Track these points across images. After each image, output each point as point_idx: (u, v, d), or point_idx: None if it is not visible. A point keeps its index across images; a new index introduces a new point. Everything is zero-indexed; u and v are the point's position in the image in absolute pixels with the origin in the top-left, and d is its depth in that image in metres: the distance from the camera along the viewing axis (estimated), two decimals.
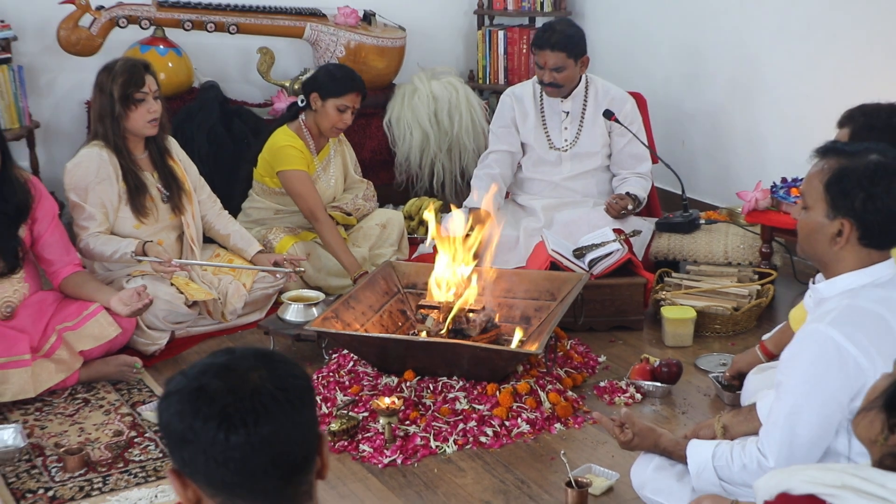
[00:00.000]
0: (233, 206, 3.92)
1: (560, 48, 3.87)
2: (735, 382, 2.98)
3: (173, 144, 3.68)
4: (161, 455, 2.83)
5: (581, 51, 3.94)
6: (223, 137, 4.40)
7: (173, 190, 3.59)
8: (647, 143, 4.11)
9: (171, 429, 1.24)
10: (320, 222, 3.88)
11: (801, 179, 3.54)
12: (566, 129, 4.07)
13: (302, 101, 3.97)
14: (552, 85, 3.96)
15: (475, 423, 2.92)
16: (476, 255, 3.38)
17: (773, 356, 2.86)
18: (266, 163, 3.94)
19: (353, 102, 3.92)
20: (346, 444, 2.85)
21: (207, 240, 3.80)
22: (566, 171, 4.10)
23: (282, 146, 3.90)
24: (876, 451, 1.52)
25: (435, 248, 3.41)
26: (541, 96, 4.08)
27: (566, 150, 4.07)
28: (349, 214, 4.09)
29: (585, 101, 4.05)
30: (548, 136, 4.08)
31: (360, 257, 3.96)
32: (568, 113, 4.06)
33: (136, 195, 3.48)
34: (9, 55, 4.38)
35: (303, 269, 3.75)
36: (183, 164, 3.69)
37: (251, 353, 1.28)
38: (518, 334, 3.18)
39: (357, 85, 3.93)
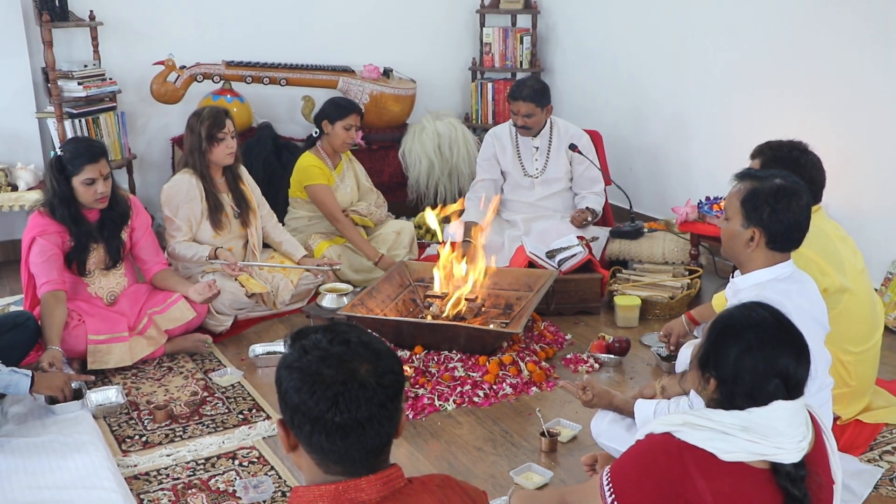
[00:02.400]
0: (278, 217, 3.92)
1: (530, 100, 3.84)
2: (672, 350, 2.95)
3: (243, 171, 3.66)
4: (227, 410, 2.82)
5: (546, 101, 3.90)
6: (275, 165, 4.39)
7: (243, 208, 3.57)
8: (601, 169, 4.10)
9: (287, 396, 1.19)
10: (340, 222, 3.89)
11: (722, 198, 3.54)
12: (537, 160, 4.03)
13: (316, 133, 3.98)
14: (524, 128, 3.92)
15: (470, 387, 2.91)
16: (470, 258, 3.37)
17: (695, 322, 2.87)
18: (296, 181, 3.96)
19: (355, 121, 3.93)
20: None
21: (265, 245, 3.78)
22: (538, 193, 4.06)
23: (307, 166, 3.91)
24: (704, 398, 1.59)
25: (439, 253, 3.41)
26: (516, 135, 4.03)
27: (537, 177, 4.04)
28: (364, 216, 4.08)
29: (551, 138, 4.03)
30: (522, 166, 4.04)
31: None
32: (538, 148, 4.02)
33: (215, 212, 3.47)
34: (114, 104, 4.38)
35: (339, 267, 3.75)
36: (250, 186, 3.67)
37: (363, 345, 1.21)
38: (492, 325, 3.17)
39: (355, 107, 3.95)
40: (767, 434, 1.45)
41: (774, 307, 1.57)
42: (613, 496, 1.54)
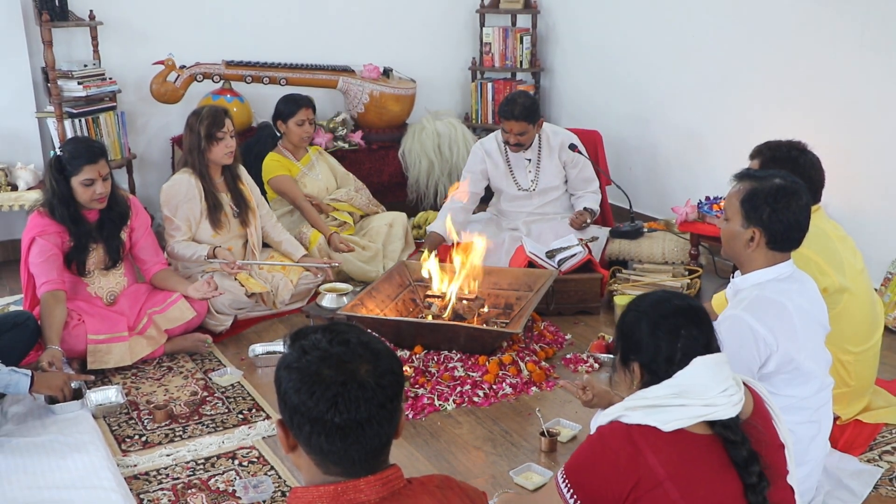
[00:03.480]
0: None
1: (522, 118, 3.74)
2: None
3: (243, 171, 3.67)
4: (226, 410, 2.82)
5: (537, 116, 3.81)
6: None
7: (242, 208, 3.58)
8: (601, 169, 4.07)
9: (287, 397, 1.18)
10: (301, 207, 4.00)
11: (721, 198, 3.53)
12: (530, 172, 3.96)
13: (279, 133, 4.09)
14: (517, 145, 3.85)
15: (470, 387, 2.90)
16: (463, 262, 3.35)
17: None
18: (265, 182, 4.05)
19: (307, 115, 4.00)
20: None
21: (264, 245, 3.78)
22: (536, 203, 4.00)
23: (265, 164, 4.04)
24: (636, 391, 1.63)
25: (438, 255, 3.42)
26: (505, 150, 3.95)
27: (533, 189, 3.99)
28: (342, 202, 4.12)
29: (540, 147, 3.97)
30: (515, 181, 3.97)
31: (375, 250, 3.99)
32: (530, 160, 3.96)
33: (214, 212, 3.47)
34: (114, 104, 4.38)
35: (337, 264, 3.76)
36: (249, 186, 3.68)
37: (362, 345, 1.20)
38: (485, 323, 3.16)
39: (305, 101, 4.02)
40: (698, 392, 1.53)
41: (665, 289, 1.69)
42: (571, 490, 1.57)
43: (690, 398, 1.53)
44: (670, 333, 1.58)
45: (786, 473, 1.63)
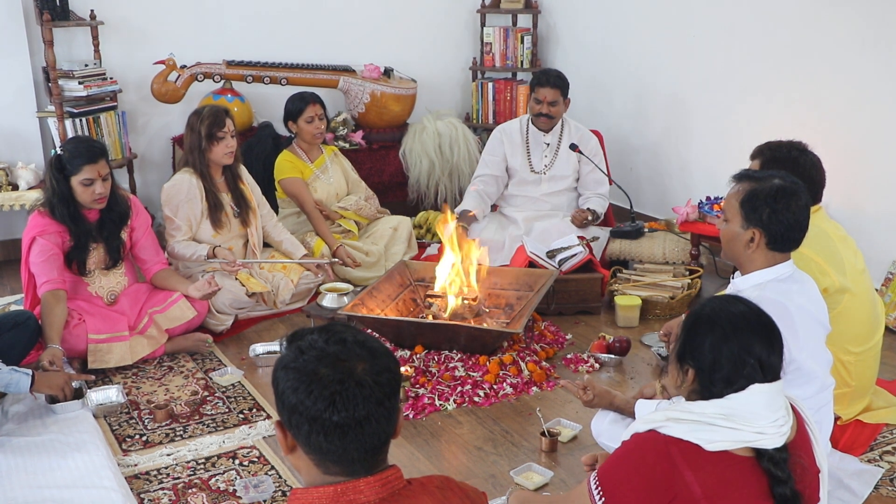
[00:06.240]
0: None
1: (557, 86, 3.88)
2: (666, 341, 2.93)
3: (243, 171, 3.67)
4: (227, 410, 2.82)
5: (568, 91, 3.95)
6: (274, 165, 4.39)
7: (242, 207, 3.58)
8: (605, 171, 4.09)
9: (284, 396, 1.18)
10: (309, 213, 3.98)
11: (722, 198, 3.54)
12: (546, 156, 4.01)
13: (291, 133, 4.09)
14: (547, 116, 3.91)
15: (470, 387, 2.90)
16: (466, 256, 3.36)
17: None
18: (276, 181, 4.04)
19: (315, 111, 3.99)
20: None
21: (265, 244, 3.78)
22: (544, 189, 4.03)
23: (278, 163, 4.02)
24: (683, 393, 1.59)
25: (440, 250, 3.40)
26: (527, 131, 4.02)
27: (545, 172, 4.03)
28: (348, 210, 4.11)
29: (561, 135, 4.02)
30: (530, 161, 4.02)
31: (378, 252, 3.99)
32: (549, 144, 4.02)
33: (214, 212, 3.48)
34: (115, 104, 4.38)
35: (336, 260, 3.79)
36: (250, 185, 3.68)
37: (359, 344, 1.21)
38: (486, 324, 3.15)
39: (311, 97, 4.02)
40: (748, 419, 1.47)
41: (748, 299, 1.60)
42: (603, 499, 1.54)
43: (740, 423, 1.47)
44: (737, 357, 1.50)
45: (817, 501, 1.59)
